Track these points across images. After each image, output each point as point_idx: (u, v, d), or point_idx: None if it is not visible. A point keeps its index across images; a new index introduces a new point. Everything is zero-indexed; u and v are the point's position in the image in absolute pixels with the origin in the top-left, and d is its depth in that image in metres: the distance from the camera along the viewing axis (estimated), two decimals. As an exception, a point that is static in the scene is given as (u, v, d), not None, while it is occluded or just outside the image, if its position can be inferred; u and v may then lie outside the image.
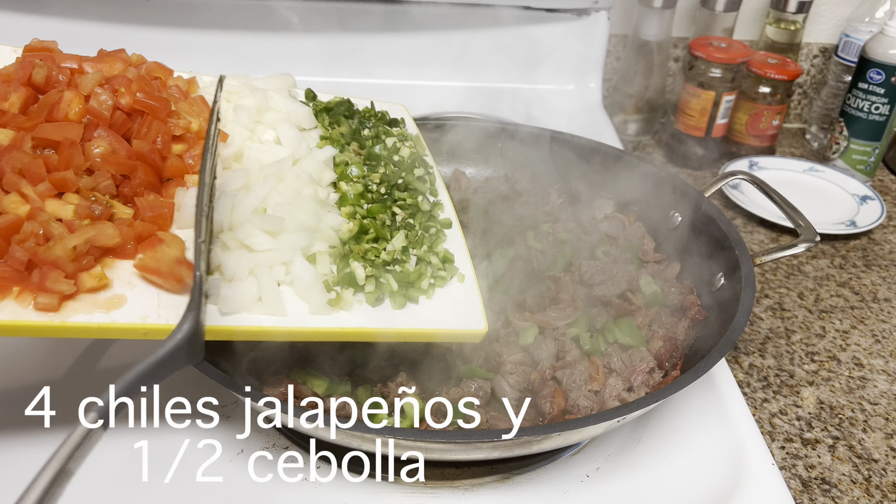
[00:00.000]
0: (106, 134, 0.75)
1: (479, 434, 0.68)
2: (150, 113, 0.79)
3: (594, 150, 1.14)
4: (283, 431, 0.82)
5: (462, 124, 1.20)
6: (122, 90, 0.79)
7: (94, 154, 0.73)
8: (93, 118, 0.76)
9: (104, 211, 0.70)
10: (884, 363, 1.04)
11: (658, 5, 1.45)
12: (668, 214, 1.06)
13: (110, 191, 0.73)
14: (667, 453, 0.82)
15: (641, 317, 0.92)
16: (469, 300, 0.80)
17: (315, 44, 1.46)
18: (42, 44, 0.85)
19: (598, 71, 1.56)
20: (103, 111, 0.76)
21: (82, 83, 0.78)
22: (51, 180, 0.70)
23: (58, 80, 0.80)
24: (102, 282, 0.67)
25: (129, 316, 0.66)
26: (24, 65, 0.79)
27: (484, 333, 0.77)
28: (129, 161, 0.75)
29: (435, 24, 1.47)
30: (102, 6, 1.39)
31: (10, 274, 0.64)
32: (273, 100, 0.89)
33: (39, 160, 0.71)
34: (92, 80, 0.78)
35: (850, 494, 0.84)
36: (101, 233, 0.68)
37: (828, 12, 1.67)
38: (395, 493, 0.76)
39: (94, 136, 0.75)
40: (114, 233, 0.68)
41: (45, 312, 0.64)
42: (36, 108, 0.77)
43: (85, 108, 0.76)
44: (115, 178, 0.74)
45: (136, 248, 0.71)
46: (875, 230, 1.37)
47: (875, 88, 1.39)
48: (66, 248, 0.64)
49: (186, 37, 1.43)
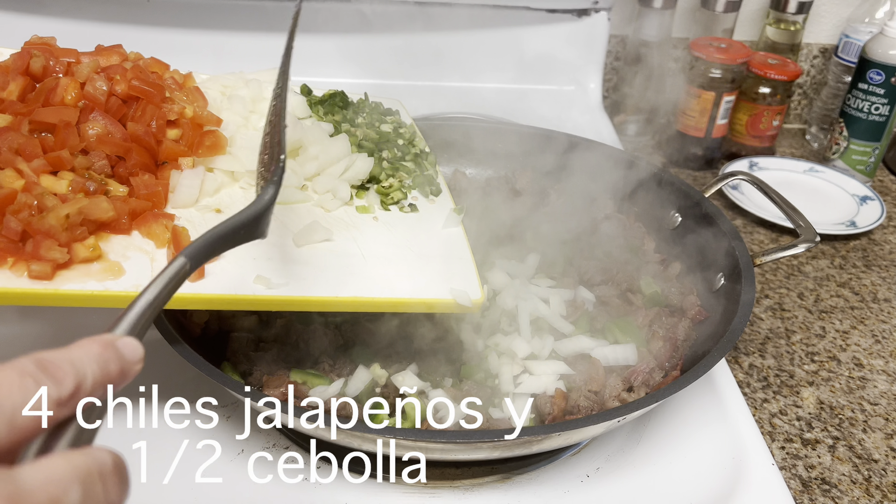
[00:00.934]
0: (101, 117, 0.77)
1: (480, 434, 0.68)
2: (144, 98, 0.81)
3: (594, 151, 1.14)
4: (284, 431, 0.82)
5: (462, 124, 1.20)
6: (117, 77, 0.81)
7: (89, 135, 0.75)
8: (88, 102, 0.78)
9: (99, 187, 0.73)
10: (884, 363, 1.04)
11: (658, 6, 1.45)
12: (668, 214, 1.06)
13: (105, 170, 0.75)
14: (667, 453, 0.82)
15: (641, 317, 0.92)
16: (465, 273, 0.82)
17: (315, 44, 1.46)
18: (41, 39, 0.87)
19: (598, 71, 1.56)
20: (99, 96, 0.78)
21: (78, 71, 0.80)
22: (46, 158, 0.72)
23: (55, 69, 0.81)
24: (96, 252, 0.69)
25: (122, 284, 0.68)
26: (22, 55, 0.81)
27: (480, 303, 0.79)
28: (124, 143, 0.77)
29: (435, 25, 1.47)
30: (102, 6, 1.39)
31: (5, 244, 0.66)
32: (267, 90, 0.91)
33: (35, 140, 0.73)
34: (88, 67, 0.80)
35: (850, 494, 0.84)
36: (95, 205, 0.70)
37: (828, 13, 1.67)
38: (394, 493, 0.76)
39: (90, 118, 0.77)
40: (107, 206, 0.71)
41: (38, 280, 0.65)
42: (33, 95, 0.79)
43: (81, 94, 0.78)
44: (111, 160, 0.76)
45: (130, 224, 0.73)
46: (875, 230, 1.37)
47: (875, 89, 1.39)
48: (59, 217, 0.66)
49: (186, 37, 1.43)
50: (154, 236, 0.73)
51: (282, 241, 0.79)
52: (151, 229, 0.73)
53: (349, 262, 0.79)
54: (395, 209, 0.90)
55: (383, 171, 0.92)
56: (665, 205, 1.06)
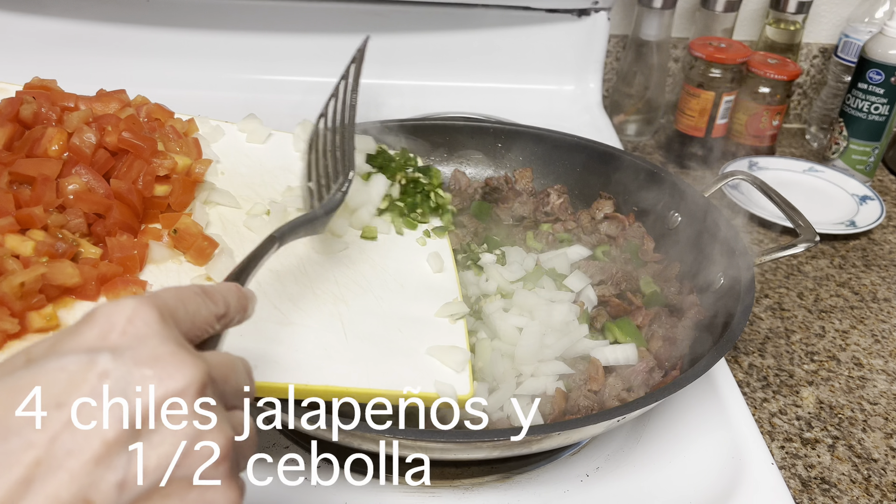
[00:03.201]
0: (84, 171, 0.74)
1: (480, 434, 0.68)
2: (133, 152, 0.77)
3: (594, 151, 1.14)
4: (284, 430, 0.82)
5: (462, 124, 1.20)
6: (108, 129, 0.77)
7: (68, 191, 0.72)
8: (73, 155, 0.75)
9: (68, 249, 0.68)
10: (883, 363, 1.05)
11: (658, 5, 1.45)
12: (668, 214, 1.06)
13: (81, 229, 0.72)
14: (667, 453, 0.82)
15: (641, 317, 0.92)
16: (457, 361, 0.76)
17: (316, 44, 1.46)
18: (42, 82, 0.85)
19: (597, 71, 1.56)
20: (84, 149, 0.75)
21: (69, 120, 0.77)
22: (16, 216, 0.68)
23: (47, 116, 0.78)
24: (52, 322, 0.64)
25: None
26: (14, 101, 0.78)
27: (468, 399, 0.72)
28: (105, 200, 0.73)
29: (435, 25, 1.47)
30: (102, 6, 1.39)
31: None
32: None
33: (9, 195, 0.69)
34: (78, 117, 0.78)
35: (850, 494, 0.84)
36: (59, 271, 0.65)
37: (827, 12, 1.67)
38: (394, 493, 0.76)
39: (73, 172, 0.74)
40: (72, 272, 0.66)
41: None
42: (19, 144, 0.76)
43: (66, 145, 0.75)
44: (89, 217, 0.73)
45: (98, 289, 0.68)
46: (875, 230, 1.37)
47: (875, 88, 1.39)
48: (13, 285, 0.62)
49: (186, 37, 1.43)
50: None
51: (267, 314, 0.74)
52: (120, 297, 0.67)
53: (329, 341, 0.74)
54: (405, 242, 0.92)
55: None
56: (665, 205, 1.06)
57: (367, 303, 0.81)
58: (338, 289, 0.81)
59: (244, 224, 0.85)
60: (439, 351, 0.76)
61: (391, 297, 0.83)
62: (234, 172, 0.91)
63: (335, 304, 0.79)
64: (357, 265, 0.86)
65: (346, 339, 0.75)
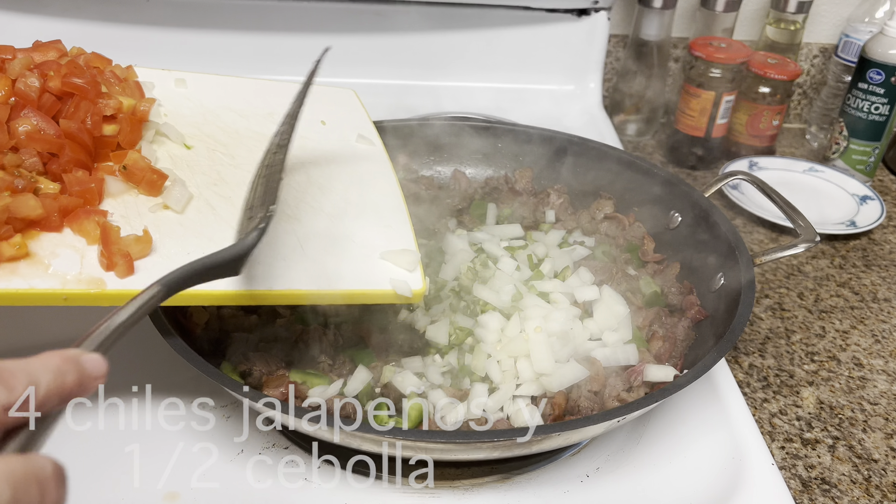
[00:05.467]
0: (32, 114, 0.76)
1: (482, 435, 0.68)
2: (78, 94, 0.80)
3: (594, 150, 1.14)
4: (284, 431, 0.82)
5: (462, 124, 1.20)
6: (51, 74, 0.79)
7: (19, 132, 0.74)
8: (19, 100, 0.77)
9: (28, 185, 0.72)
10: (883, 363, 1.04)
11: (658, 5, 1.45)
12: (668, 214, 1.06)
13: (37, 168, 0.74)
14: (667, 453, 0.82)
15: (641, 317, 0.92)
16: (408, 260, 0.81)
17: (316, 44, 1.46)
18: None
19: (597, 71, 1.56)
20: (30, 93, 0.77)
21: (10, 68, 0.79)
22: None
23: None
24: (22, 251, 0.68)
25: (49, 282, 0.67)
26: None
27: (422, 293, 0.78)
28: (57, 140, 0.76)
29: (435, 25, 1.47)
30: (102, 6, 1.39)
31: None
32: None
33: None
34: (20, 63, 0.79)
35: (850, 494, 0.84)
36: (22, 203, 0.69)
37: (828, 12, 1.67)
38: (394, 493, 0.76)
39: (21, 115, 0.76)
40: (35, 204, 0.70)
41: None
42: None
43: (11, 91, 0.77)
44: (43, 157, 0.75)
45: (61, 221, 0.72)
46: (875, 230, 1.37)
47: (875, 88, 1.39)
48: None
49: (186, 37, 1.43)
50: (85, 233, 0.72)
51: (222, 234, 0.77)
52: (83, 226, 0.72)
53: (285, 254, 0.78)
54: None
55: None
56: (665, 204, 1.06)
57: (318, 220, 0.84)
58: (289, 209, 0.84)
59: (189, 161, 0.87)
60: (392, 255, 0.81)
61: (341, 214, 0.87)
62: (177, 114, 0.93)
63: (288, 223, 0.82)
64: (306, 188, 0.88)
65: (302, 250, 0.79)
